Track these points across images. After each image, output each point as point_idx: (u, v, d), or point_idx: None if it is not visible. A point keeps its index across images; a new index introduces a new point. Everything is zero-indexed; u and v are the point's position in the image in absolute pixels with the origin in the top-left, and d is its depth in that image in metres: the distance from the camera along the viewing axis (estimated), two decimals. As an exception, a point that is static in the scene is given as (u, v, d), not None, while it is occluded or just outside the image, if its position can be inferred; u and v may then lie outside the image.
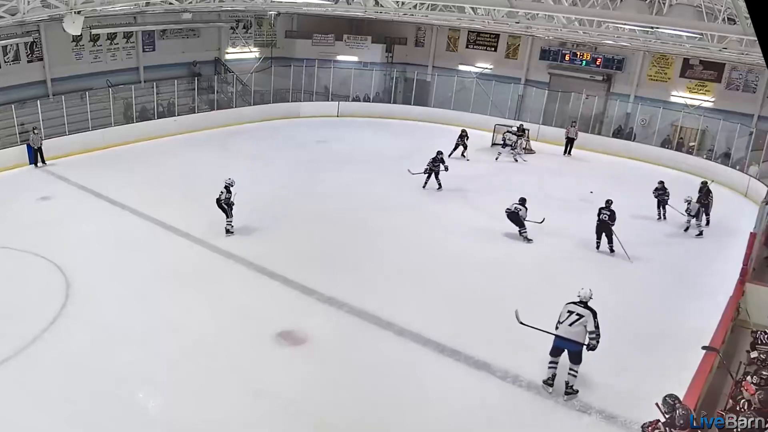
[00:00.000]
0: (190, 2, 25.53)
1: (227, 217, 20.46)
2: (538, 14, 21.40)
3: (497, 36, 42.43)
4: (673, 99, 36.80)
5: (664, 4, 19.82)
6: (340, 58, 45.14)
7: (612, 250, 21.07)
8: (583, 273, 18.68)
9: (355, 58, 45.33)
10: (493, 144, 35.14)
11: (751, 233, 17.20)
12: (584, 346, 12.45)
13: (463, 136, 32.62)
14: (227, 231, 20.54)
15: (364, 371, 13.45)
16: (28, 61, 31.34)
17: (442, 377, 13.44)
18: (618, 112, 38.28)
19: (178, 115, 35.21)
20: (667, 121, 36.41)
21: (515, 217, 21.46)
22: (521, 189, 24.80)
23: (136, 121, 33.70)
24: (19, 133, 27.89)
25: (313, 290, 16.77)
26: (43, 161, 27.40)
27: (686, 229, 23.70)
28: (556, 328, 12.84)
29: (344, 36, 45.42)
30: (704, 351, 12.13)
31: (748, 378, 10.37)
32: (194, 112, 36.24)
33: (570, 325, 12.62)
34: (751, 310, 14.98)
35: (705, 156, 33.99)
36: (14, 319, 14.47)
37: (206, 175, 25.75)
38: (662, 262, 20.61)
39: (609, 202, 21.29)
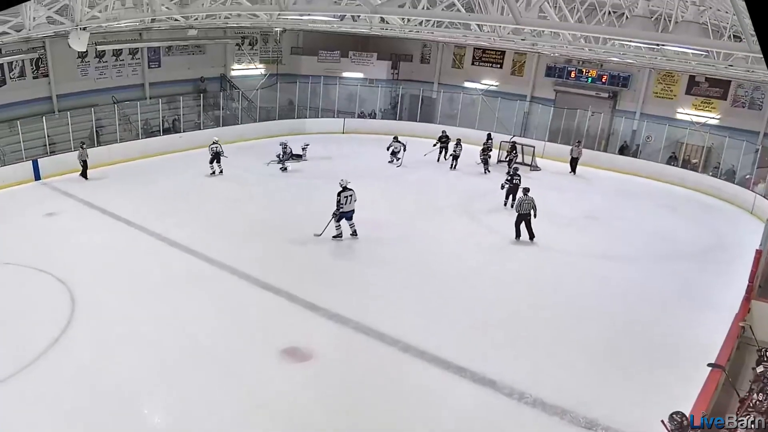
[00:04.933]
0: (196, 19, 25.51)
1: None
2: (543, 31, 21.41)
3: (503, 53, 42.49)
4: (678, 116, 36.79)
5: (669, 21, 19.82)
6: (345, 74, 45.27)
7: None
8: (591, 288, 18.92)
9: (360, 75, 45.52)
10: (497, 160, 35.06)
11: (757, 250, 17.14)
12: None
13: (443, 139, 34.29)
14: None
15: (369, 388, 13.38)
16: (34, 77, 31.43)
17: (447, 394, 13.39)
18: (624, 129, 38.28)
19: (184, 131, 35.27)
20: (672, 138, 36.39)
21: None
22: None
23: (142, 137, 33.77)
24: (25, 149, 27.95)
25: (318, 306, 16.70)
26: (85, 176, 27.75)
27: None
28: None
29: (350, 53, 45.53)
30: (710, 368, 12.07)
31: (755, 395, 10.32)
32: (200, 129, 36.21)
33: None
34: (756, 327, 14.90)
35: (711, 173, 34.00)
36: (20, 335, 14.46)
37: (211, 190, 25.77)
38: (669, 278, 20.54)
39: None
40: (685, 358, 14.72)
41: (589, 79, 39.16)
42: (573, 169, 34.83)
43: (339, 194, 21.47)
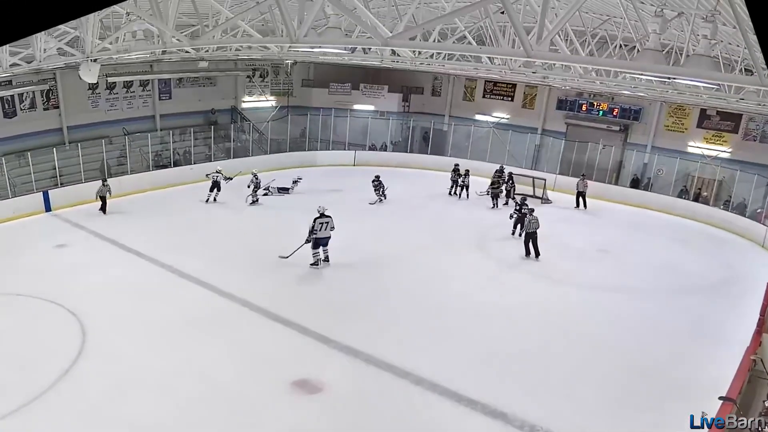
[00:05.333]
0: (207, 51, 25.56)
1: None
2: (555, 64, 21.39)
3: (514, 86, 42.44)
4: (690, 149, 36.68)
5: (681, 54, 19.80)
6: (356, 107, 45.31)
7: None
8: (602, 322, 18.88)
9: (371, 107, 45.50)
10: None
11: (768, 284, 17.08)
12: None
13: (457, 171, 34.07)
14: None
15: (381, 421, 13.35)
16: (45, 109, 31.64)
17: (458, 427, 13.31)
18: (635, 162, 38.16)
19: (195, 163, 35.19)
20: (684, 172, 36.28)
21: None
22: (539, 239, 24.84)
23: (152, 169, 33.84)
24: (35, 181, 28.05)
25: (329, 339, 16.64)
26: (104, 211, 27.67)
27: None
28: None
29: (361, 85, 45.55)
30: (721, 401, 11.96)
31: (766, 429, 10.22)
32: (210, 161, 35.94)
33: None
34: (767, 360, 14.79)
35: (722, 206, 33.79)
36: (30, 368, 14.43)
37: (223, 223, 25.79)
38: (680, 312, 20.40)
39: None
40: (697, 392, 14.54)
41: (601, 112, 39.14)
42: (578, 203, 34.41)
43: (314, 220, 21.85)
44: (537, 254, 24.27)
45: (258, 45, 21.15)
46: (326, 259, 22.50)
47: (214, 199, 29.89)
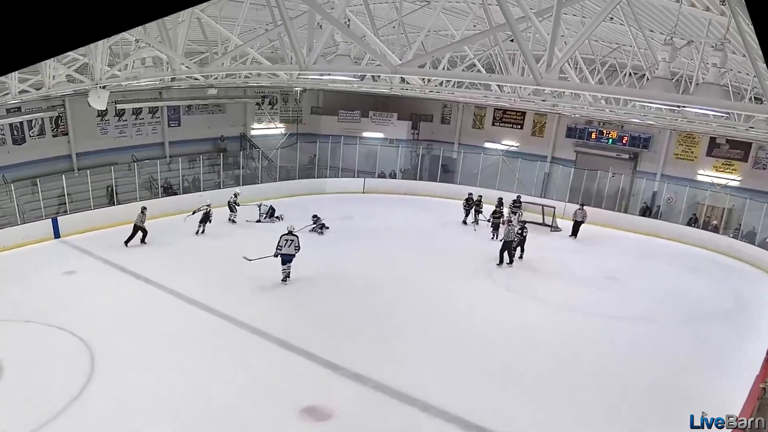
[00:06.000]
0: (216, 78, 25.66)
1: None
2: (564, 92, 21.42)
3: (523, 114, 42.53)
4: (699, 177, 36.63)
5: (690, 83, 19.78)
6: (365, 134, 45.46)
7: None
8: (610, 348, 18.85)
9: (381, 135, 45.65)
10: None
11: (778, 312, 17.01)
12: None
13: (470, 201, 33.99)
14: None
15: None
16: (54, 135, 31.75)
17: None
18: (645, 190, 38.07)
19: (204, 190, 35.01)
20: (693, 200, 36.20)
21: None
22: (547, 266, 24.97)
23: (161, 196, 33.88)
24: (44, 207, 28.06)
25: (338, 365, 16.58)
26: (142, 239, 27.44)
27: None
28: None
29: (370, 112, 45.76)
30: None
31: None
32: (219, 188, 36.02)
33: None
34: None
35: (731, 234, 33.66)
36: (39, 394, 14.40)
37: (231, 250, 25.73)
38: (689, 339, 20.29)
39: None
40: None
41: (610, 140, 39.15)
42: (574, 233, 33.73)
43: (281, 237, 23.17)
44: (511, 260, 26.99)
45: (267, 72, 21.17)
46: (285, 278, 23.21)
47: (203, 232, 29.62)
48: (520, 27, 11.02)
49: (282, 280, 23.06)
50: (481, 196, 34.63)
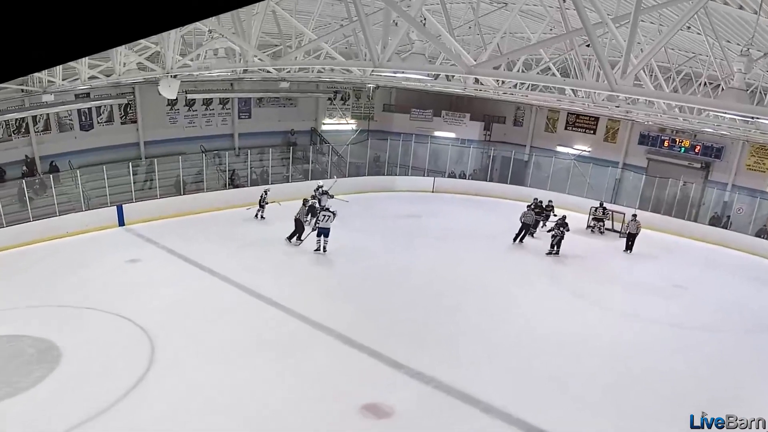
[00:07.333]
0: (288, 71, 25.65)
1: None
2: (638, 99, 21.11)
3: (596, 119, 41.90)
4: (770, 189, 35.78)
5: (765, 95, 19.41)
6: (437, 133, 45.12)
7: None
8: (674, 358, 18.47)
9: (452, 135, 45.25)
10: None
11: None
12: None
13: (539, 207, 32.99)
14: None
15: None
16: (122, 123, 32.08)
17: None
18: (715, 199, 37.42)
19: (272, 183, 34.81)
20: (764, 211, 35.48)
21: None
22: (613, 272, 24.89)
23: (228, 188, 34.04)
24: (110, 195, 28.30)
25: (400, 364, 16.50)
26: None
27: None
28: None
29: (442, 112, 45.42)
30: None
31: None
32: (288, 181, 36.08)
33: None
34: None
35: (803, 247, 32.88)
36: (97, 382, 14.51)
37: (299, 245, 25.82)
38: (754, 352, 19.85)
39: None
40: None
41: (682, 148, 38.47)
42: (628, 247, 31.18)
43: (319, 212, 26.12)
44: (521, 240, 29.72)
45: (340, 67, 21.16)
46: (319, 249, 25.34)
47: (261, 216, 30.56)
48: (597, 32, 10.81)
49: (316, 249, 25.27)
50: (551, 201, 34.11)
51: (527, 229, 29.02)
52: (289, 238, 26.61)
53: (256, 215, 30.43)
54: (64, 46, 1.46)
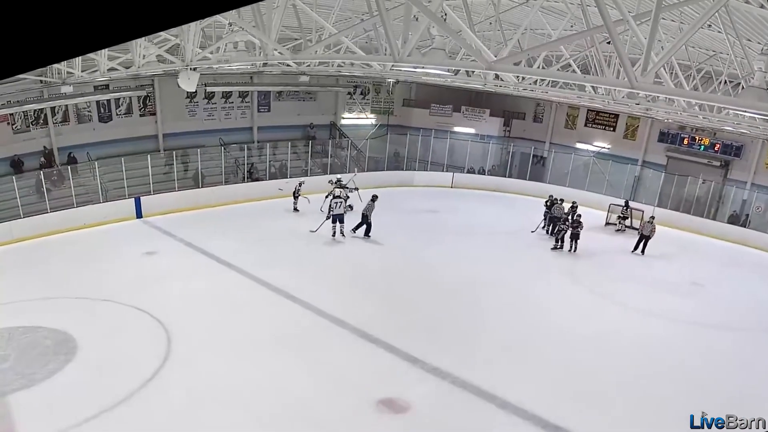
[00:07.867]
0: (308, 65, 25.71)
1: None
2: (658, 97, 21.04)
3: (617, 116, 41.73)
4: (790, 188, 35.58)
5: (785, 93, 19.34)
6: (456, 129, 45.02)
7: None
8: (693, 356, 18.33)
9: (472, 130, 45.10)
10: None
11: None
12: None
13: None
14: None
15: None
16: (141, 115, 32.20)
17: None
18: (734, 198, 37.30)
19: (290, 177, 34.89)
20: (783, 210, 35.22)
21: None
22: (631, 270, 25.22)
23: (247, 181, 34.15)
24: (128, 187, 28.35)
25: (417, 359, 16.43)
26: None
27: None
28: None
29: (462, 107, 45.21)
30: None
31: None
32: (307, 175, 35.82)
33: None
34: None
35: (822, 246, 32.75)
36: (112, 374, 14.56)
37: (314, 238, 25.78)
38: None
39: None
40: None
41: (702, 146, 38.26)
42: (639, 248, 29.99)
43: (331, 200, 26.81)
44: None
45: (360, 62, 21.15)
46: (336, 234, 26.37)
47: (295, 209, 30.67)
48: (618, 29, 10.77)
49: (333, 235, 26.15)
50: (574, 203, 32.96)
51: (555, 223, 29.30)
52: (355, 229, 27.21)
53: (295, 209, 30.72)
54: (84, 38, 1.47)
